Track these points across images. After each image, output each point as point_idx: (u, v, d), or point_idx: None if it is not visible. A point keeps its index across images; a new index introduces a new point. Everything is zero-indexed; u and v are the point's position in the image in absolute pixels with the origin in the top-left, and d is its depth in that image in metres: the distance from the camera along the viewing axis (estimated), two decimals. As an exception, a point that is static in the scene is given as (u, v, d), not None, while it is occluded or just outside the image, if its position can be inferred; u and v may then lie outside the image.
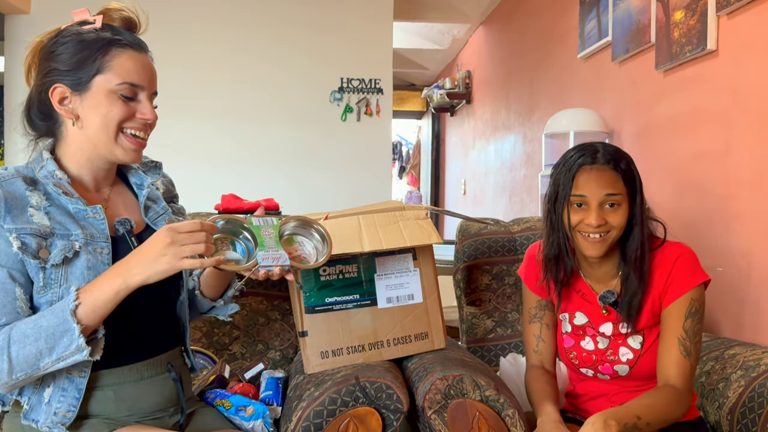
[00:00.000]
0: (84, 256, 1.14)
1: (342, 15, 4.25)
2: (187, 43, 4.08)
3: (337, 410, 1.30)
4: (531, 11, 3.97)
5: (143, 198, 1.32)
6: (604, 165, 1.35)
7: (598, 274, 1.45)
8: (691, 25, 2.06)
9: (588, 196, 1.35)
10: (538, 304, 1.54)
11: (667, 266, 1.37)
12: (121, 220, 1.22)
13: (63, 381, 1.14)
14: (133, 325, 1.22)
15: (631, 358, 1.40)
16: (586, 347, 1.45)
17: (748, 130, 1.83)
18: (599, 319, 1.45)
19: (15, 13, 3.91)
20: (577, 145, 1.42)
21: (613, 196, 1.34)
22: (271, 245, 1.19)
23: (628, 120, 2.59)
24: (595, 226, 1.34)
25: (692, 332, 1.34)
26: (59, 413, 1.13)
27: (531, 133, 3.87)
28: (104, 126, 1.18)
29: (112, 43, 1.18)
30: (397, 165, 8.00)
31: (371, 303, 1.55)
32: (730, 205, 1.88)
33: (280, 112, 4.23)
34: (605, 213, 1.35)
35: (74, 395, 1.14)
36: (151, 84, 1.23)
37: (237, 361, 1.83)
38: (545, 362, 1.52)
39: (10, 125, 4.05)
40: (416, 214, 1.58)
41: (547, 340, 1.53)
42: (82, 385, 1.15)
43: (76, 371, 1.14)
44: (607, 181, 1.34)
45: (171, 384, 1.27)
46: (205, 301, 1.40)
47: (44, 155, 1.20)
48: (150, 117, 1.21)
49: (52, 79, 1.17)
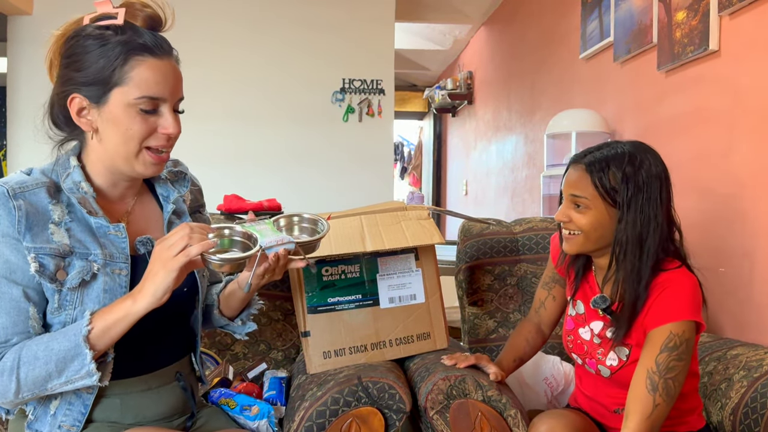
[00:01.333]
0: (102, 278, 1.11)
1: (344, 16, 4.25)
2: (188, 43, 4.05)
3: (340, 410, 1.30)
4: (532, 12, 3.97)
5: (168, 213, 1.26)
6: (580, 166, 1.35)
7: (604, 274, 1.44)
8: (693, 25, 2.06)
9: (563, 192, 1.38)
10: (553, 276, 1.58)
11: (658, 291, 1.30)
12: (143, 240, 1.18)
13: (70, 395, 1.13)
14: (146, 339, 1.19)
15: (615, 365, 1.38)
16: (583, 336, 1.45)
17: (750, 131, 1.83)
18: (592, 315, 1.44)
19: (17, 14, 3.92)
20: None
21: (577, 197, 1.34)
22: (269, 233, 1.14)
23: (630, 120, 2.59)
24: (560, 221, 1.37)
25: (665, 368, 1.23)
26: (64, 426, 1.12)
27: (533, 134, 3.87)
28: (123, 142, 1.11)
29: (132, 51, 1.08)
30: (399, 166, 8.01)
31: (373, 303, 1.56)
32: (732, 206, 1.88)
33: (282, 113, 4.23)
34: (572, 212, 1.35)
35: (80, 410, 1.13)
36: (175, 93, 1.14)
37: (239, 361, 1.84)
38: (542, 324, 1.60)
39: (13, 126, 4.08)
40: (418, 214, 1.58)
41: (548, 309, 1.59)
42: (89, 401, 1.14)
43: (85, 388, 1.11)
44: (575, 182, 1.34)
45: (179, 393, 1.25)
46: (223, 319, 1.36)
47: (71, 162, 1.15)
48: (173, 131, 1.13)
49: (69, 88, 1.10)
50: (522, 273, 2.00)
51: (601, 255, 1.39)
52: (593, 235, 1.34)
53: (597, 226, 1.33)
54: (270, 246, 1.11)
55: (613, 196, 1.30)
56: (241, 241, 1.14)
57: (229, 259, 1.07)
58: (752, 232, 1.79)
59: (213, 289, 1.39)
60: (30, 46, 3.91)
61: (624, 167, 1.30)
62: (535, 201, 3.73)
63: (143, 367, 1.20)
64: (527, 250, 2.01)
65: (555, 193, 3.09)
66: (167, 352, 1.25)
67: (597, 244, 1.35)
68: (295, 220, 1.25)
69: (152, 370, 1.21)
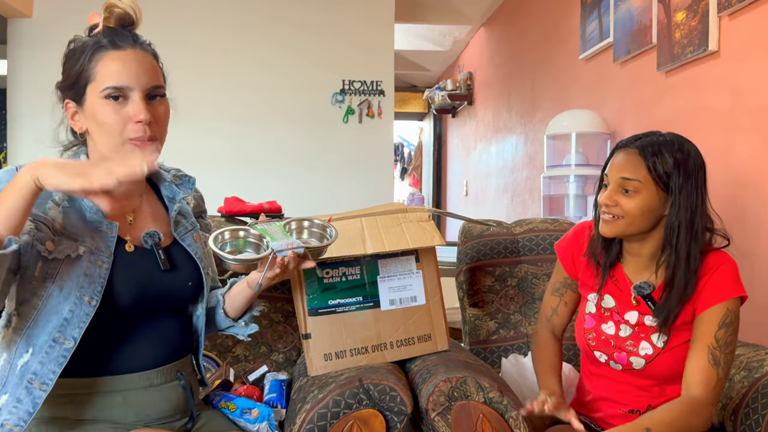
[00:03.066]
0: (85, 263, 1.13)
1: (343, 17, 4.25)
2: (187, 46, 4.08)
3: (341, 412, 1.30)
4: (532, 12, 3.97)
5: (174, 213, 1.30)
6: (632, 150, 1.35)
7: (638, 262, 1.44)
8: (693, 25, 2.06)
9: (609, 176, 1.38)
10: (564, 281, 1.57)
11: (708, 273, 1.36)
12: (150, 232, 1.22)
13: (20, 391, 1.09)
14: (149, 334, 1.21)
15: (650, 354, 1.39)
16: (607, 331, 1.45)
17: (750, 131, 1.83)
18: (626, 307, 1.44)
19: (17, 17, 3.92)
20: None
21: (628, 180, 1.34)
22: (280, 236, 1.22)
23: (630, 121, 2.60)
24: (605, 205, 1.36)
25: (723, 342, 1.31)
26: (7, 425, 1.08)
27: (533, 134, 3.88)
28: (106, 137, 1.16)
29: (96, 48, 1.15)
30: (399, 166, 8.01)
31: (374, 305, 1.56)
32: (732, 206, 1.88)
33: (282, 115, 4.24)
34: (620, 196, 1.35)
35: (28, 409, 1.09)
36: (141, 79, 1.15)
37: (240, 363, 1.84)
38: (556, 330, 1.59)
39: (13, 128, 4.08)
40: (419, 216, 1.58)
41: (561, 315, 1.58)
42: (39, 399, 1.09)
43: (38, 382, 1.09)
44: (627, 166, 1.35)
45: (180, 392, 1.26)
46: (227, 320, 1.38)
47: (81, 158, 1.22)
48: (142, 117, 1.13)
49: (62, 95, 1.20)
50: (523, 274, 2.00)
51: (640, 240, 1.40)
52: (638, 220, 1.35)
53: (645, 210, 1.34)
54: (281, 249, 1.19)
55: (665, 180, 1.33)
56: (255, 242, 1.24)
57: (244, 260, 1.19)
58: (752, 233, 1.79)
59: (216, 292, 1.41)
60: (30, 48, 3.91)
61: (675, 154, 1.34)
62: (536, 202, 3.73)
63: (145, 363, 1.21)
64: (528, 251, 2.01)
65: (555, 193, 3.09)
66: (169, 348, 1.26)
67: (639, 228, 1.36)
68: (305, 225, 1.32)
69: (153, 367, 1.22)
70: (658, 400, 1.41)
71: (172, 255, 1.26)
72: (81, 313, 1.12)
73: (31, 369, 1.10)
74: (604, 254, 1.46)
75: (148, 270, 1.21)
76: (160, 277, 1.22)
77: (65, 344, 1.11)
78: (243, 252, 1.24)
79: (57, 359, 1.11)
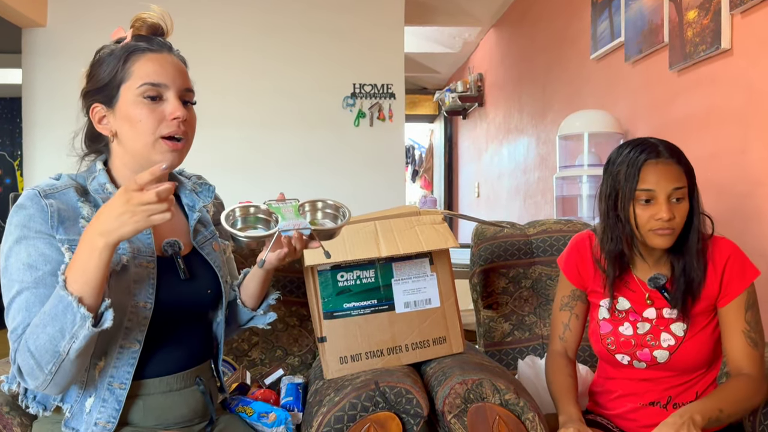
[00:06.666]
0: (132, 269, 1.15)
1: (354, 21, 4.27)
2: (200, 50, 4.10)
3: (358, 415, 1.31)
4: (542, 13, 3.97)
5: (193, 221, 1.32)
6: (669, 159, 1.36)
7: (648, 262, 1.45)
8: (705, 24, 2.05)
9: (656, 190, 1.35)
10: (572, 294, 1.55)
11: (718, 263, 1.40)
12: (171, 241, 1.22)
13: (104, 392, 1.16)
14: (169, 340, 1.23)
15: (673, 344, 1.40)
16: (624, 332, 1.45)
17: (764, 129, 1.82)
18: (642, 306, 1.45)
19: (32, 27, 3.96)
20: (631, 141, 1.42)
21: (680, 189, 1.35)
22: (291, 216, 1.22)
23: (643, 121, 2.59)
24: (666, 220, 1.34)
25: (754, 322, 1.39)
26: (99, 423, 1.15)
27: (544, 135, 3.87)
28: (138, 136, 1.17)
29: (132, 51, 1.18)
30: (410, 169, 8.01)
31: (389, 308, 1.56)
32: (747, 204, 1.87)
33: (294, 118, 4.25)
34: (672, 207, 1.36)
35: (114, 406, 1.16)
36: (176, 80, 1.19)
37: (256, 367, 1.85)
38: (569, 350, 1.55)
39: (28, 137, 4.13)
40: (432, 218, 1.58)
41: (573, 330, 1.55)
42: (122, 397, 1.17)
43: (117, 383, 1.16)
44: (674, 175, 1.35)
45: (199, 396, 1.28)
46: (246, 311, 1.41)
47: (97, 165, 1.23)
48: (179, 114, 1.17)
49: (90, 101, 1.20)
50: (537, 275, 2.00)
51: None
52: (681, 225, 1.38)
53: (686, 215, 1.38)
54: (286, 229, 1.19)
55: (693, 178, 1.39)
56: (264, 218, 1.25)
57: (251, 237, 1.19)
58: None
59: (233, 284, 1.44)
60: (44, 57, 3.95)
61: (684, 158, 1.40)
62: (548, 203, 3.72)
63: (165, 369, 1.23)
64: (542, 252, 2.01)
65: (568, 194, 3.08)
66: (189, 354, 1.28)
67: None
68: (319, 206, 1.31)
69: (173, 372, 1.24)
70: (677, 390, 1.43)
71: (191, 264, 1.28)
72: (140, 318, 1.17)
73: (108, 373, 1.17)
74: (618, 261, 1.45)
75: (168, 279, 1.22)
76: (180, 286, 1.24)
77: (132, 348, 1.17)
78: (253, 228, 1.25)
79: (128, 361, 1.17)
